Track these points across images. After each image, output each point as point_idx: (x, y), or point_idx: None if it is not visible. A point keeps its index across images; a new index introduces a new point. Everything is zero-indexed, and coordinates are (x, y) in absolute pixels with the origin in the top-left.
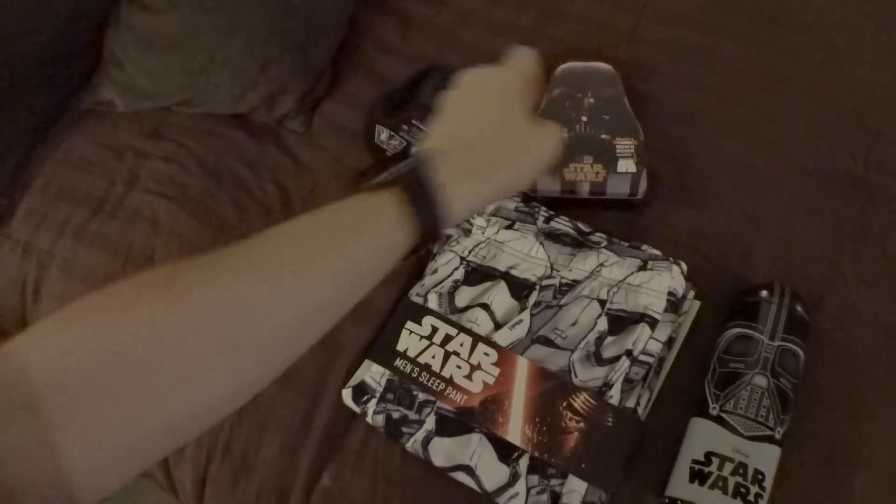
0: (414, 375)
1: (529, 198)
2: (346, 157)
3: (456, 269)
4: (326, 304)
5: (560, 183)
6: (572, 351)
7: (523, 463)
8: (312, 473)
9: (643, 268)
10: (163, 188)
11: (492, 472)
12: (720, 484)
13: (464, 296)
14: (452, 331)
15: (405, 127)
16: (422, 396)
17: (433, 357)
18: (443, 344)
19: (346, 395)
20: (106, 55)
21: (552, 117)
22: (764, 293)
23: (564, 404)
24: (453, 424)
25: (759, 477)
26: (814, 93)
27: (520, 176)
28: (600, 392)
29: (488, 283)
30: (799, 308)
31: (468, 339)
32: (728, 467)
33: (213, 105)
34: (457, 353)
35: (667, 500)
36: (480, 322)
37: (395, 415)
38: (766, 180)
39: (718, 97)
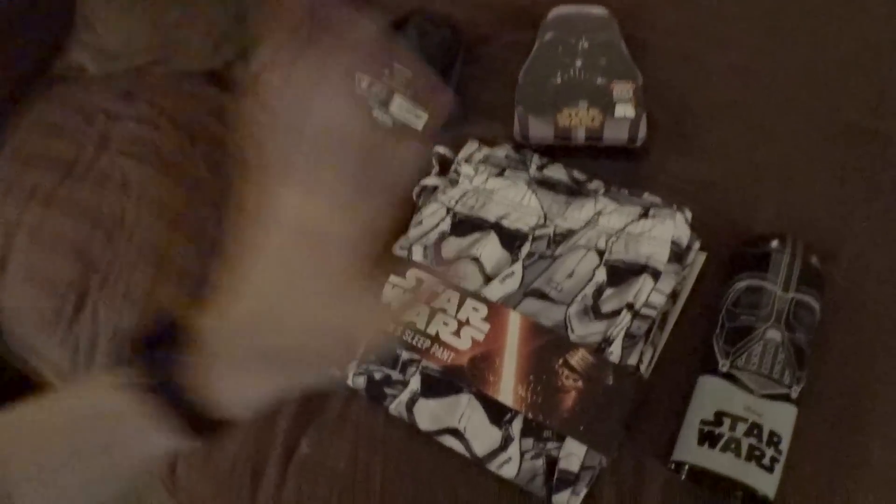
0: (397, 333)
1: (521, 145)
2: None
3: (442, 219)
4: None
5: (554, 129)
6: (568, 304)
7: (516, 425)
8: (290, 441)
9: (644, 216)
10: (134, 149)
11: (482, 435)
12: (732, 446)
13: (451, 248)
14: (438, 285)
15: (387, 72)
16: (405, 355)
17: (418, 313)
18: (428, 299)
19: None
20: (77, 19)
21: (544, 62)
22: (775, 243)
23: (560, 362)
24: (440, 385)
25: (775, 439)
26: (818, 39)
27: (309, 377)
28: (599, 348)
29: (477, 235)
30: (814, 259)
31: (455, 294)
32: (741, 428)
33: (187, 62)
34: (443, 310)
35: (673, 465)
36: (469, 275)
37: (377, 375)
38: (769, 129)
39: (719, 43)
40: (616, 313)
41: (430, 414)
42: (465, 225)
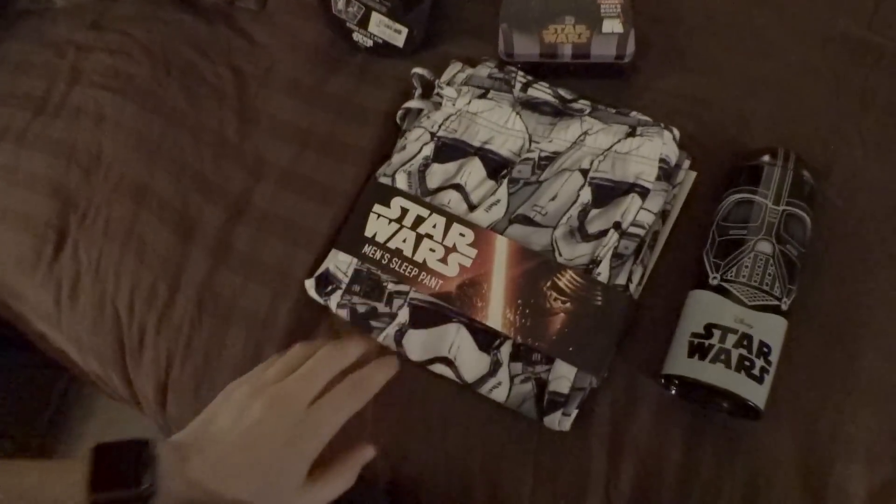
0: (384, 262)
1: (505, 63)
2: (304, 31)
3: (426, 144)
4: None
5: (539, 46)
6: (554, 228)
7: (505, 350)
8: None
9: (631, 134)
10: (107, 81)
11: (471, 361)
12: (722, 357)
13: (436, 175)
14: (424, 211)
15: None
16: (392, 287)
17: (404, 241)
18: (414, 226)
19: (309, 286)
20: None
21: None
22: (766, 157)
23: (548, 284)
24: (428, 315)
25: (765, 350)
26: None
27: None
28: (587, 270)
29: (461, 160)
30: (805, 172)
31: (441, 220)
32: (731, 339)
33: None
34: (429, 236)
35: (663, 380)
36: (453, 204)
37: (362, 308)
38: (763, 42)
39: None
40: (603, 234)
41: (420, 344)
42: (448, 151)
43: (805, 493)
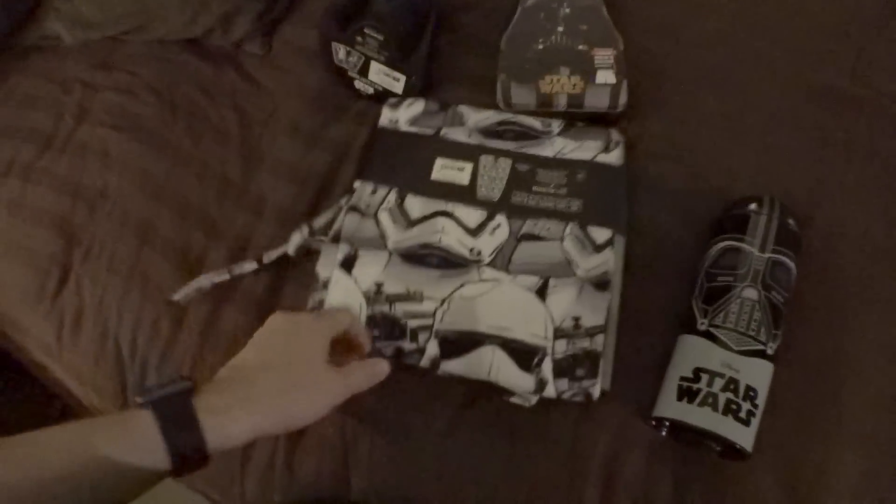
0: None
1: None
2: (308, 77)
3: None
4: None
5: (536, 96)
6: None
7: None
8: None
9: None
10: (114, 120)
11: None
12: (710, 400)
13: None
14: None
15: (359, 39)
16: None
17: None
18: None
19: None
20: None
21: (526, 28)
22: (753, 206)
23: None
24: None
25: (751, 394)
26: (796, 5)
27: (296, 411)
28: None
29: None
30: (790, 220)
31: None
32: (718, 383)
33: (165, 30)
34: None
35: (654, 422)
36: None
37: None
38: (749, 94)
39: (697, 8)
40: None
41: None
42: None
43: None
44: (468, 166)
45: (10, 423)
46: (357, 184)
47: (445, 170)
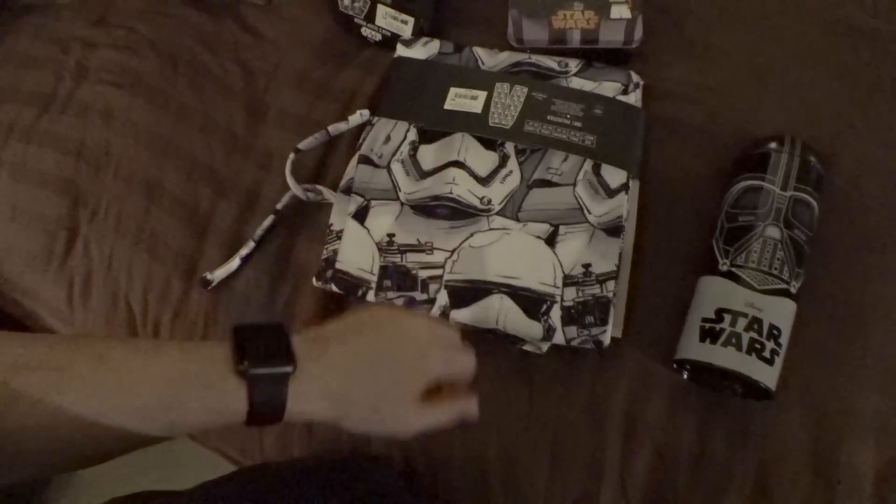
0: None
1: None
2: (312, 26)
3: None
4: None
5: (548, 32)
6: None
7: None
8: None
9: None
10: (115, 77)
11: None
12: (733, 340)
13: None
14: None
15: None
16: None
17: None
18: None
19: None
20: None
21: None
22: (773, 144)
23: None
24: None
25: (775, 332)
26: None
27: (369, 428)
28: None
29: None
30: (812, 158)
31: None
32: (741, 323)
33: None
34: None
35: (675, 365)
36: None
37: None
38: (770, 30)
39: None
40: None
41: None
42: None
43: (815, 472)
44: (482, 94)
45: None
46: (368, 116)
47: (459, 98)
